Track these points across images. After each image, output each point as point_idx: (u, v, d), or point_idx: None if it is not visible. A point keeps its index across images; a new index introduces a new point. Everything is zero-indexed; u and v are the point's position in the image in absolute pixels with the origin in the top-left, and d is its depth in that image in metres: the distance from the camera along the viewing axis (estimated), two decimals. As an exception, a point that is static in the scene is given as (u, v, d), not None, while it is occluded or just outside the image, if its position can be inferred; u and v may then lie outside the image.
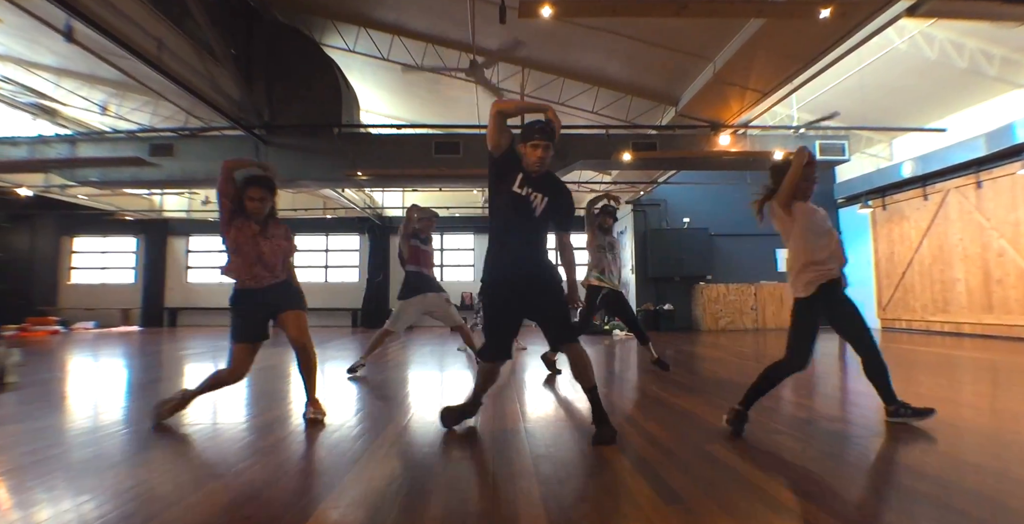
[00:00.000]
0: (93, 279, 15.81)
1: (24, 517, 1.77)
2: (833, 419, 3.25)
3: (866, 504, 1.90)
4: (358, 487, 2.03)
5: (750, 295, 11.83)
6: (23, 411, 3.61)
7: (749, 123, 7.73)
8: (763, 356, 6.45)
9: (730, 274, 12.10)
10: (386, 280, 14.89)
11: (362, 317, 14.78)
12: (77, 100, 8.71)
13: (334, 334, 11.36)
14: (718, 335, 10.31)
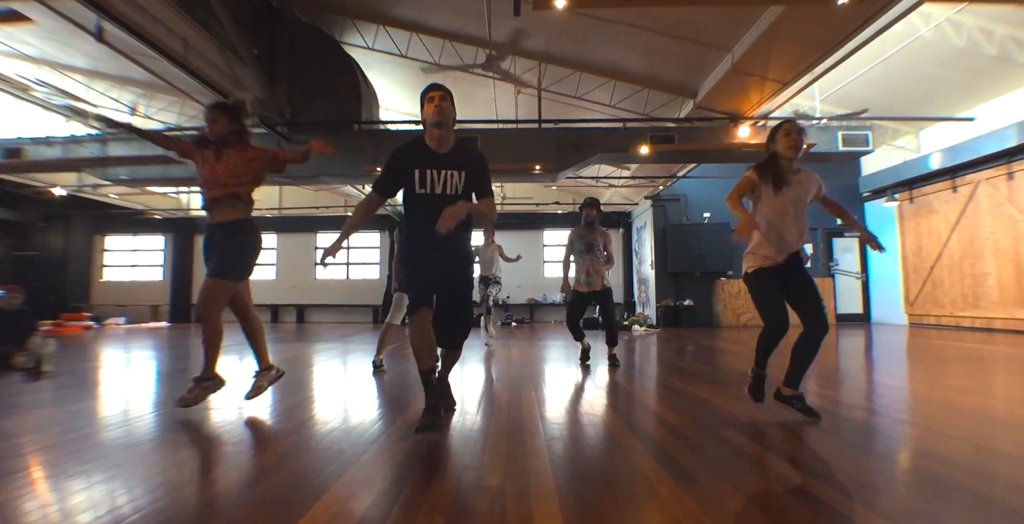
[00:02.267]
0: (124, 276, 16.27)
1: (59, 490, 1.86)
2: (856, 408, 3.21)
3: (886, 489, 1.88)
4: (373, 466, 2.09)
5: (772, 290, 11.67)
6: (58, 396, 3.77)
7: (769, 114, 7.63)
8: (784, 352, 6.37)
9: (752, 270, 11.96)
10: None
11: (383, 313, 14.94)
12: (107, 101, 8.97)
13: (356, 330, 11.52)
14: (739, 331, 10.21)
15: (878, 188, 11.75)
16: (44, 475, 2.01)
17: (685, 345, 7.44)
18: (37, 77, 8.49)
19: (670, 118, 7.90)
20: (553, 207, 14.34)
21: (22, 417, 3.04)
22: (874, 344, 7.46)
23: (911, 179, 10.77)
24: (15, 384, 4.22)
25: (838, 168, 11.36)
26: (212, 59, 6.25)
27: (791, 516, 1.60)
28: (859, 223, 3.02)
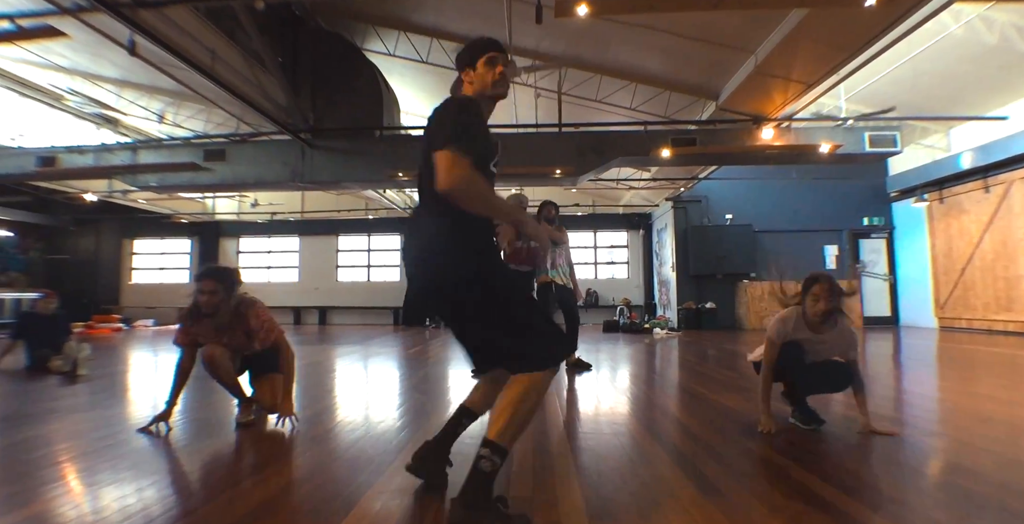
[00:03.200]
0: (152, 279, 16.66)
1: (95, 498, 1.93)
2: (883, 418, 3.15)
3: (915, 503, 1.86)
4: (403, 475, 2.12)
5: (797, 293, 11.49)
6: (94, 400, 3.88)
7: (793, 115, 7.52)
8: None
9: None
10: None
11: (402, 315, 15.06)
12: (137, 109, 9.20)
13: (376, 331, 11.64)
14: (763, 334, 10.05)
15: (907, 188, 11.50)
16: (81, 483, 2.08)
17: (707, 349, 7.37)
18: (70, 87, 8.75)
19: (692, 120, 7.84)
20: (573, 209, 14.32)
21: (60, 423, 3.14)
22: (902, 349, 7.31)
23: (941, 179, 10.53)
24: (52, 388, 4.36)
25: (865, 168, 11.17)
26: (238, 68, 6.39)
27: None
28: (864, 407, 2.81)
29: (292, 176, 8.04)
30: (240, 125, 8.36)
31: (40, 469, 2.24)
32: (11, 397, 4.04)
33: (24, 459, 2.39)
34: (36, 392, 4.18)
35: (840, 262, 12.19)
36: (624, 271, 15.38)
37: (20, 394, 4.14)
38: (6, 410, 3.57)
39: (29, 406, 3.64)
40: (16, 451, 2.54)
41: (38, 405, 3.66)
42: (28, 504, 1.82)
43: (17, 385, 4.55)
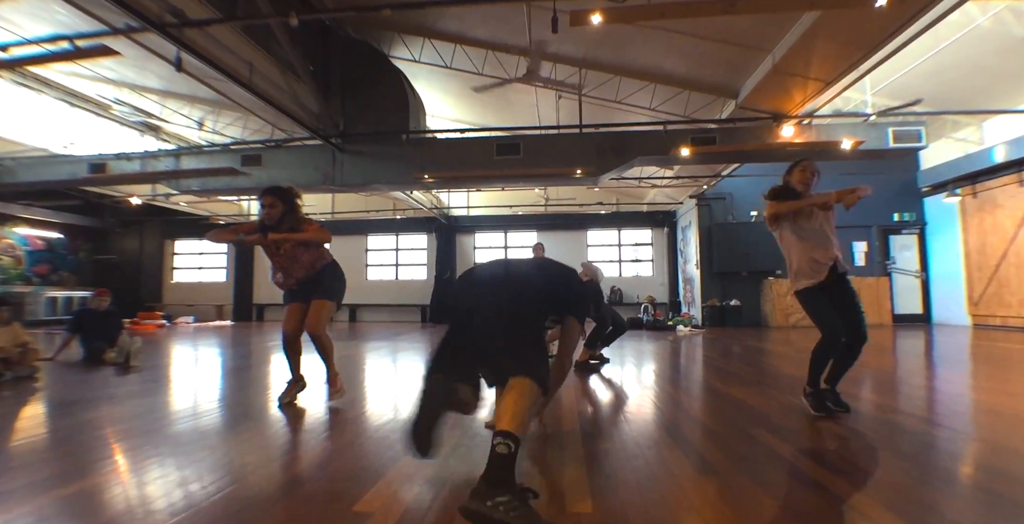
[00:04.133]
0: (191, 278, 17.38)
1: (140, 474, 2.21)
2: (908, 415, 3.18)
3: (909, 488, 1.94)
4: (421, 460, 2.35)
5: (823, 290, 11.40)
6: (145, 388, 4.23)
7: (814, 112, 7.53)
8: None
9: (801, 268, 11.69)
10: (453, 277, 15.43)
11: (430, 313, 15.39)
12: (179, 118, 9.70)
13: (405, 328, 11.97)
14: (788, 332, 10.05)
15: (938, 183, 11.28)
16: (129, 461, 2.36)
17: (730, 346, 7.45)
18: (116, 97, 9.27)
19: (711, 119, 7.90)
20: (596, 207, 14.43)
21: (118, 407, 3.47)
22: (934, 346, 7.25)
23: (974, 173, 10.31)
24: (107, 377, 4.74)
25: (895, 163, 11.00)
26: (273, 78, 6.73)
27: (809, 510, 1.75)
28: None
29: (324, 179, 8.38)
30: (275, 131, 8.75)
31: (99, 446, 2.54)
32: (70, 385, 4.43)
33: (81, 439, 2.68)
34: (92, 381, 4.56)
35: (869, 259, 12.04)
36: (649, 269, 15.41)
37: (78, 383, 4.52)
38: (66, 397, 3.93)
39: (87, 393, 4.00)
40: (74, 432, 2.83)
41: (94, 392, 4.01)
42: (84, 478, 2.07)
43: (75, 375, 4.96)
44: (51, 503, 1.79)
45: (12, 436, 2.79)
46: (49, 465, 2.23)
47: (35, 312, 13.63)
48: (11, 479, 2.04)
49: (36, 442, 2.63)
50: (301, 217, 3.54)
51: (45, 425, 3.05)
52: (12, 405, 3.62)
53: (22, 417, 3.28)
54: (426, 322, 14.99)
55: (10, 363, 4.67)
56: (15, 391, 4.09)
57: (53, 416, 3.31)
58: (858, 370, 4.84)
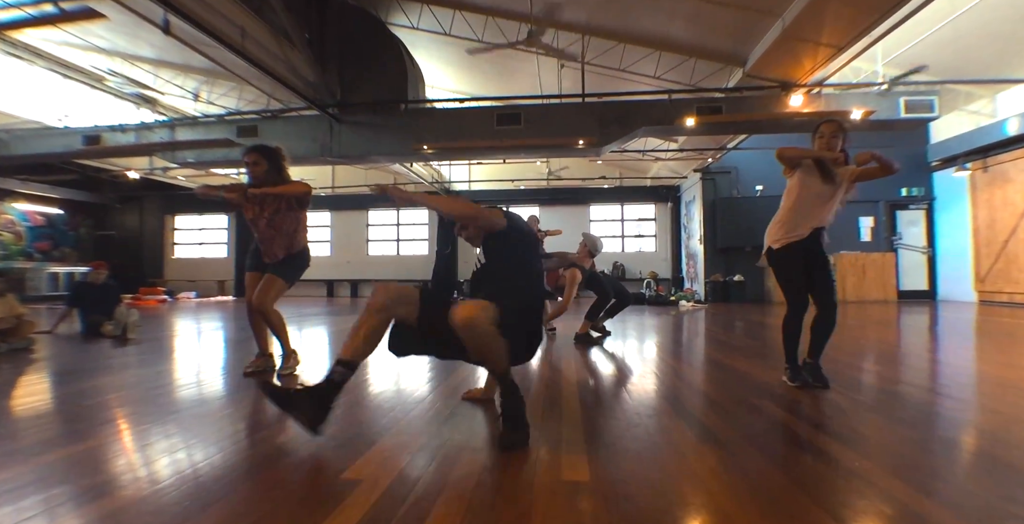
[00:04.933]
0: (193, 254, 17.35)
1: (142, 438, 2.16)
2: (911, 385, 3.17)
3: (914, 456, 1.90)
4: (420, 422, 2.29)
5: (828, 265, 11.29)
6: (143, 359, 4.19)
7: (824, 81, 7.31)
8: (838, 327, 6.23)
9: (806, 244, 11.56)
10: (455, 252, 15.36)
11: (432, 287, 15.36)
12: (173, 88, 9.50)
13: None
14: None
15: (948, 157, 11.06)
16: (130, 425, 2.32)
17: (733, 321, 7.39)
18: (109, 68, 9.07)
19: (718, 88, 7.70)
20: (599, 182, 14.25)
21: (113, 377, 3.43)
22: (940, 322, 7.18)
23: (986, 146, 10.08)
24: (105, 349, 4.70)
25: (903, 135, 10.77)
26: (267, 45, 6.54)
27: (810, 476, 1.69)
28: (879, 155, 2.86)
29: (322, 151, 8.25)
30: (271, 102, 8.57)
31: (94, 413, 2.50)
32: (67, 357, 4.40)
33: (81, 404, 2.67)
34: (90, 352, 4.53)
35: (876, 234, 11.90)
36: (652, 244, 15.31)
37: (76, 354, 4.50)
38: (64, 366, 3.91)
39: (85, 363, 3.97)
40: (74, 398, 2.82)
41: (92, 363, 3.98)
42: (85, 440, 2.06)
43: (73, 347, 4.93)
44: (49, 465, 1.77)
45: (12, 402, 2.77)
46: (48, 429, 2.21)
47: (37, 288, 13.65)
48: (12, 441, 2.04)
49: (35, 408, 2.61)
50: (287, 178, 3.44)
51: (43, 392, 3.01)
52: (10, 374, 3.59)
53: (20, 385, 3.25)
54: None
55: (5, 335, 4.63)
56: (12, 362, 4.05)
57: (51, 384, 3.28)
58: (863, 344, 4.79)
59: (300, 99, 7.28)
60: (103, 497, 1.50)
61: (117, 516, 1.38)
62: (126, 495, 1.52)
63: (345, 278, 16.04)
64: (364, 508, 1.41)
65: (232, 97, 9.59)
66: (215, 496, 1.49)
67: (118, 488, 1.57)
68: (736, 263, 12.00)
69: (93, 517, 1.38)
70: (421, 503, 1.44)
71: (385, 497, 1.48)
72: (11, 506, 1.44)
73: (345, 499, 1.46)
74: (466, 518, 1.35)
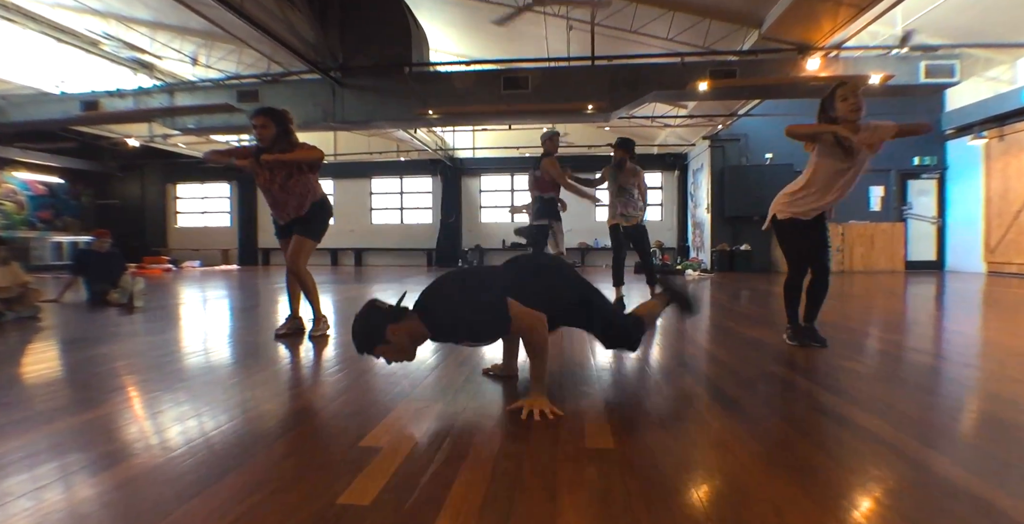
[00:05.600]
0: (196, 223, 17.28)
1: (152, 405, 2.13)
2: (919, 352, 3.14)
3: (935, 423, 1.87)
4: (435, 389, 2.26)
5: (836, 235, 11.18)
6: (151, 327, 4.17)
7: (842, 44, 7.06)
8: (845, 296, 6.19)
9: (815, 213, 11.39)
10: (458, 220, 15.25)
11: (436, 256, 15.33)
12: (170, 52, 9.25)
13: (410, 272, 11.92)
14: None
15: (964, 125, 10.78)
16: (141, 393, 2.29)
17: (741, 289, 7.34)
18: (104, 31, 8.81)
19: (732, 51, 7.43)
20: (606, 149, 13.99)
21: (122, 344, 3.41)
22: (948, 291, 7.11)
23: (1003, 114, 9.81)
24: (112, 317, 4.68)
25: (917, 103, 10.49)
26: (266, 5, 6.30)
27: (832, 440, 1.65)
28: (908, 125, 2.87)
29: (324, 116, 8.06)
30: (271, 65, 8.34)
31: (104, 380, 2.47)
32: (75, 324, 4.38)
33: (91, 372, 2.64)
34: (97, 320, 4.50)
35: (886, 204, 11.73)
36: (658, 213, 15.16)
37: (83, 322, 4.47)
38: (72, 334, 3.88)
39: (92, 331, 3.94)
40: (83, 366, 2.80)
41: (100, 331, 3.96)
42: (97, 407, 2.03)
43: (80, 315, 4.91)
44: (63, 432, 1.74)
45: (21, 370, 2.75)
46: (59, 397, 2.18)
47: (41, 257, 13.64)
48: (25, 408, 2.01)
49: (45, 375, 2.58)
50: (295, 141, 3.42)
51: (52, 360, 2.99)
52: (18, 342, 3.57)
53: (29, 353, 3.23)
54: (432, 265, 14.94)
55: (11, 303, 4.60)
56: (19, 330, 4.04)
57: (59, 352, 3.26)
58: (871, 312, 4.74)
59: (301, 62, 7.07)
60: (118, 464, 1.47)
61: (133, 483, 1.35)
62: (141, 462, 1.48)
63: (349, 247, 15.99)
64: (387, 474, 1.37)
65: (231, 61, 9.34)
66: (231, 464, 1.46)
67: (132, 455, 1.54)
68: (743, 232, 11.89)
69: (109, 485, 1.35)
70: (444, 470, 1.41)
71: (407, 464, 1.45)
72: (27, 473, 1.41)
73: (366, 466, 1.43)
74: (492, 485, 1.31)
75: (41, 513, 1.19)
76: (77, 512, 1.20)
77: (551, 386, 2.28)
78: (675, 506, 1.22)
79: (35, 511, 1.20)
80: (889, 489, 1.30)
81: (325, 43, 7.45)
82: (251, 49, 7.65)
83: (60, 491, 1.30)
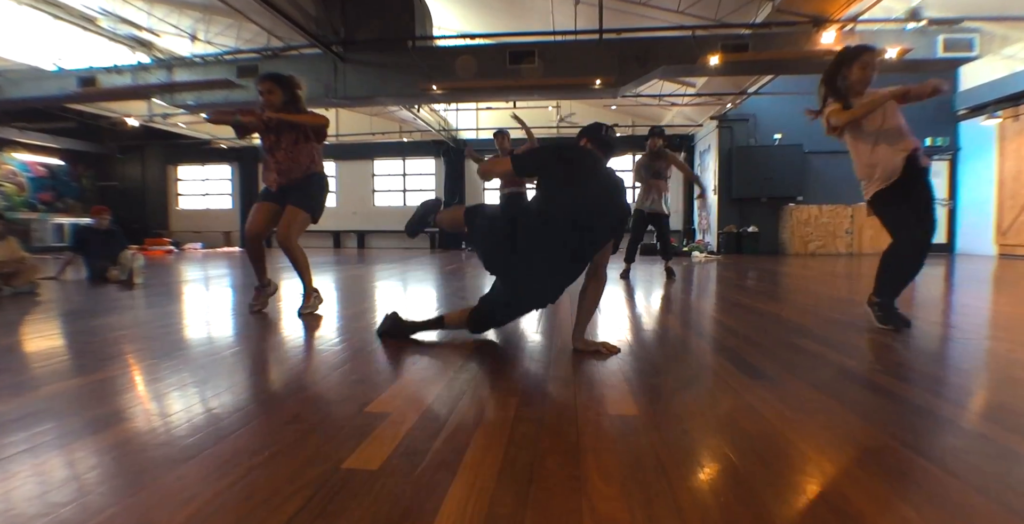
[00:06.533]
0: (197, 205, 17.14)
1: (152, 372, 2.03)
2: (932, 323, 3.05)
3: (973, 391, 1.80)
4: (445, 357, 2.16)
5: (846, 218, 11.02)
6: (151, 301, 4.08)
7: (859, 17, 6.84)
8: (857, 276, 6.07)
9: (825, 195, 11.23)
10: (462, 202, 15.09)
11: (440, 239, 15.20)
12: (168, 28, 9.04)
13: (414, 254, 11.82)
14: (807, 259, 9.79)
15: (977, 105, 10.51)
16: (138, 361, 2.19)
17: (751, 270, 7.22)
18: (101, 6, 8.60)
19: (745, 24, 7.20)
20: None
21: (120, 316, 3.32)
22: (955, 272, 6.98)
23: (1018, 93, 9.55)
24: (111, 292, 4.59)
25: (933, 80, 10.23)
26: (265, -26, 6.10)
27: (871, 409, 1.55)
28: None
29: (326, 91, 7.88)
30: (271, 39, 8.14)
31: (102, 348, 2.39)
32: (74, 299, 4.29)
33: (90, 340, 2.56)
34: (96, 296, 4.42)
35: (895, 186, 11.52)
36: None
37: (82, 297, 4.39)
38: (70, 308, 3.81)
39: (91, 305, 3.86)
40: (83, 335, 2.72)
41: (99, 305, 3.87)
42: (96, 372, 1.95)
43: (79, 291, 4.82)
44: (59, 395, 1.67)
45: (18, 338, 2.68)
46: (56, 363, 2.10)
47: (42, 239, 13.56)
48: (20, 373, 1.95)
49: (41, 344, 2.52)
50: (303, 109, 3.28)
51: (49, 330, 2.91)
52: (15, 314, 3.49)
53: (26, 323, 3.16)
54: (436, 248, 14.83)
55: (8, 278, 4.51)
56: (17, 304, 3.95)
57: (57, 323, 3.17)
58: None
59: (302, 35, 6.88)
60: (113, 426, 1.39)
61: (129, 444, 1.26)
62: (136, 426, 1.39)
63: (352, 229, 15.86)
64: (396, 440, 1.27)
65: (230, 36, 9.13)
66: (229, 428, 1.36)
67: (127, 419, 1.45)
68: (751, 214, 11.72)
69: (105, 445, 1.26)
70: (458, 435, 1.31)
71: (417, 429, 1.35)
72: (24, 432, 1.33)
73: (373, 431, 1.33)
74: (509, 450, 1.21)
75: (40, 473, 1.10)
76: (75, 470, 1.11)
77: (566, 355, 2.18)
78: (711, 469, 1.12)
79: (32, 467, 1.11)
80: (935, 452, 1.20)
81: (326, 16, 7.26)
82: (251, 23, 7.44)
83: (56, 451, 1.21)
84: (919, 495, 1.01)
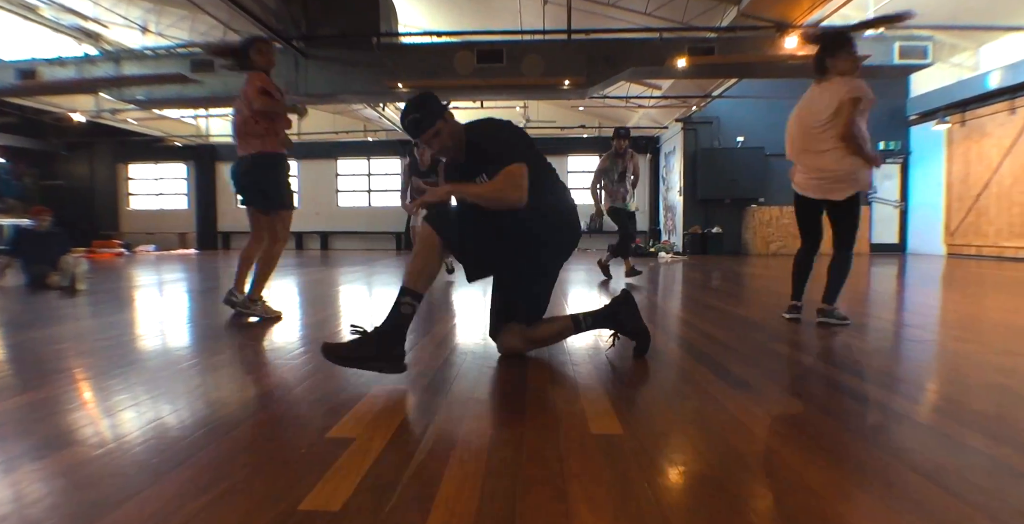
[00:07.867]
0: (150, 205, 16.43)
1: (100, 389, 1.85)
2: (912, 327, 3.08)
3: (936, 390, 1.79)
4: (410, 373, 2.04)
5: (803, 219, 11.29)
6: (96, 310, 3.81)
7: (820, 23, 6.98)
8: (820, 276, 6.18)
9: (785, 196, 11.35)
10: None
11: (405, 241, 14.95)
12: (116, 18, 8.59)
13: (379, 256, 11.58)
14: (768, 259, 9.99)
15: (928, 110, 10.97)
16: (86, 376, 2.00)
17: (716, 271, 7.29)
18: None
19: (711, 27, 7.28)
20: (579, 131, 13.81)
21: (63, 327, 3.07)
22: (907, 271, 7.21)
23: (966, 100, 10.00)
24: (52, 300, 4.28)
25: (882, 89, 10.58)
26: (220, -36, 5.83)
27: (853, 416, 1.51)
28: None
29: (286, 88, 7.59)
30: (227, 33, 7.80)
31: (46, 362, 2.19)
32: (11, 307, 3.98)
33: (32, 354, 2.35)
34: (36, 304, 4.11)
35: (851, 188, 11.88)
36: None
37: (20, 305, 4.08)
38: (7, 317, 3.52)
39: (30, 314, 3.58)
40: (23, 348, 2.51)
41: (40, 313, 3.59)
42: (40, 388, 1.77)
43: (16, 298, 4.49)
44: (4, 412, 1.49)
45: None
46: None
47: (-20, 240, 12.75)
48: None
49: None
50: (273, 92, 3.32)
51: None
52: (-67, 326, 3.19)
53: (-55, 338, 2.87)
54: (402, 250, 14.58)
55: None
56: (-59, 313, 3.64)
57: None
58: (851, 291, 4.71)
59: (260, 29, 6.60)
60: (61, 450, 1.25)
61: (79, 470, 1.12)
62: (69, 457, 1.23)
63: (314, 230, 15.46)
64: (360, 472, 1.15)
65: (184, 28, 8.75)
66: (175, 459, 1.22)
67: (60, 448, 1.28)
68: (715, 215, 11.91)
69: (52, 471, 1.11)
70: (430, 464, 1.20)
71: (383, 459, 1.23)
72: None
73: (335, 461, 1.20)
74: (488, 480, 1.11)
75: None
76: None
77: (542, 363, 2.09)
78: (707, 496, 1.04)
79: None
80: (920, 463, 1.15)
81: (287, 10, 6.99)
82: (205, 14, 7.11)
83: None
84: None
